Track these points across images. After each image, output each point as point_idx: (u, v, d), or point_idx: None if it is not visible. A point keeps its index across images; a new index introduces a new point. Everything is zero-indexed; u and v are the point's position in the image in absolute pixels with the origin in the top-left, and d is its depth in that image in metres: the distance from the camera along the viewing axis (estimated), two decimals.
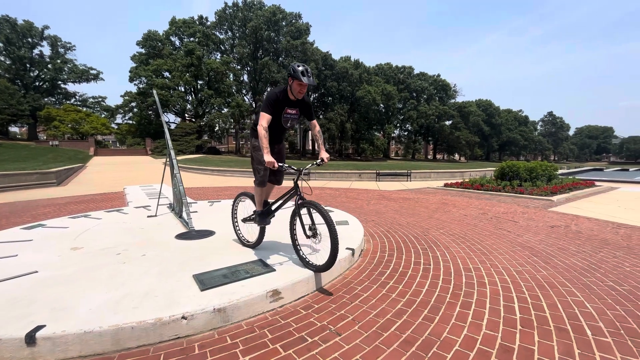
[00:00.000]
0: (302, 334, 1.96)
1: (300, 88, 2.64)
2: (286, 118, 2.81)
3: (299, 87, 2.63)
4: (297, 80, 2.57)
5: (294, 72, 2.57)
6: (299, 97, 2.70)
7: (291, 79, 2.63)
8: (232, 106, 41.66)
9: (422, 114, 56.54)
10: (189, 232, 3.96)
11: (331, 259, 2.44)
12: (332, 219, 2.42)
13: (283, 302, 2.35)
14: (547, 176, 11.55)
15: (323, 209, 2.48)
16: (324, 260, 2.53)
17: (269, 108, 2.65)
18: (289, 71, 2.63)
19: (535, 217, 5.97)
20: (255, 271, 2.60)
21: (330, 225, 2.39)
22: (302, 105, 2.84)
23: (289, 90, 2.69)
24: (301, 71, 2.56)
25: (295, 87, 2.63)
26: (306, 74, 2.56)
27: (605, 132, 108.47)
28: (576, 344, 1.88)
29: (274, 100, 2.65)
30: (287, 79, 2.68)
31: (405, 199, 8.65)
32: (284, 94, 2.70)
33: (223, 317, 2.08)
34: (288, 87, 2.68)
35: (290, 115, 2.82)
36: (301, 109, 2.86)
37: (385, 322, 2.11)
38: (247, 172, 18.58)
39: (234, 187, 11.65)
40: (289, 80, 2.65)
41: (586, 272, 3.08)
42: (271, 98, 2.66)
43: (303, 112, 2.89)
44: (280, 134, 2.99)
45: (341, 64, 47.80)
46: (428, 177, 17.47)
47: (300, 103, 2.81)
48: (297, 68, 2.57)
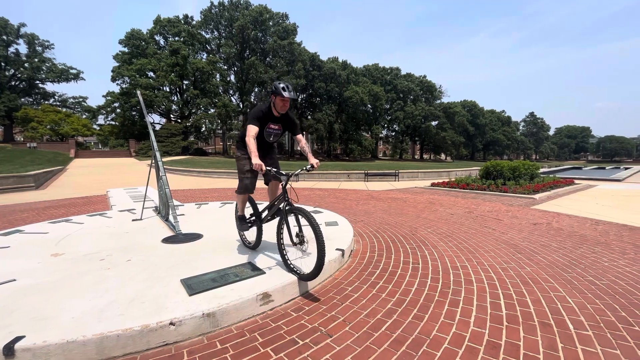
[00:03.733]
0: (293, 337, 1.95)
1: (283, 103, 2.81)
2: (269, 133, 2.97)
3: (281, 103, 2.81)
4: (280, 96, 2.75)
5: (276, 89, 2.77)
6: (282, 111, 2.87)
7: (274, 96, 2.82)
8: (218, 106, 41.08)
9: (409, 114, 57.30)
10: (176, 236, 3.88)
11: (316, 270, 2.43)
12: (319, 228, 2.41)
13: (273, 305, 2.33)
14: (530, 175, 11.91)
15: (311, 217, 2.44)
16: (310, 267, 2.52)
17: (257, 121, 2.81)
18: (272, 89, 2.83)
19: (519, 215, 6.14)
20: (245, 274, 2.58)
21: (317, 234, 2.38)
22: (285, 121, 3.01)
23: (272, 107, 2.87)
24: (282, 87, 2.75)
25: (278, 103, 2.81)
26: (287, 89, 2.76)
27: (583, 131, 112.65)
28: (559, 338, 1.94)
29: (258, 115, 2.83)
30: (271, 95, 2.86)
31: (393, 199, 8.74)
32: (269, 109, 2.88)
33: (212, 322, 2.04)
34: (271, 103, 2.87)
35: (273, 131, 2.99)
36: (284, 125, 3.03)
37: (376, 322, 2.13)
38: (235, 174, 18.38)
39: (221, 189, 11.50)
40: (272, 97, 2.84)
41: (567, 268, 3.19)
42: (257, 112, 2.84)
43: (286, 128, 3.07)
44: (266, 149, 3.10)
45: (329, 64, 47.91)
46: (415, 177, 17.72)
47: (283, 119, 2.98)
48: (279, 85, 2.77)
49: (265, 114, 2.86)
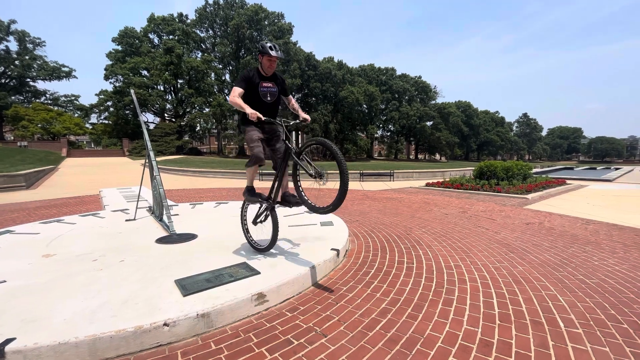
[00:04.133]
0: (288, 337, 1.95)
1: (270, 63, 2.82)
2: (264, 91, 2.92)
3: (268, 62, 2.82)
4: (267, 55, 2.76)
5: (263, 48, 2.77)
6: (269, 72, 2.88)
7: (261, 56, 2.83)
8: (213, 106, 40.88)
9: (404, 114, 57.59)
10: (170, 236, 3.86)
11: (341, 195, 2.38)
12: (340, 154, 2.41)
13: (268, 305, 2.33)
14: (523, 175, 12.05)
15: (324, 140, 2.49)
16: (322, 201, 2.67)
17: (242, 82, 2.80)
18: (258, 49, 2.82)
19: (512, 215, 6.21)
20: (240, 274, 2.57)
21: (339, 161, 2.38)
22: (275, 79, 3.00)
23: (259, 68, 2.89)
24: (269, 46, 2.75)
25: (265, 63, 2.82)
26: (274, 49, 2.76)
27: (575, 132, 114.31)
28: (550, 336, 1.97)
29: (245, 77, 2.82)
30: (258, 56, 2.86)
31: (388, 199, 8.78)
32: (256, 71, 2.88)
33: (207, 323, 2.04)
34: (259, 64, 2.89)
35: (267, 89, 2.93)
36: (276, 83, 3.00)
37: (371, 322, 2.14)
38: (230, 174, 18.31)
39: (216, 189, 11.45)
40: (259, 57, 2.85)
41: (559, 267, 3.24)
42: (243, 75, 2.85)
43: (278, 86, 3.01)
44: (266, 111, 2.93)
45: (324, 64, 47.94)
46: (410, 177, 17.82)
47: (273, 77, 2.97)
48: (265, 44, 2.77)
49: (254, 75, 2.84)
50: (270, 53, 2.74)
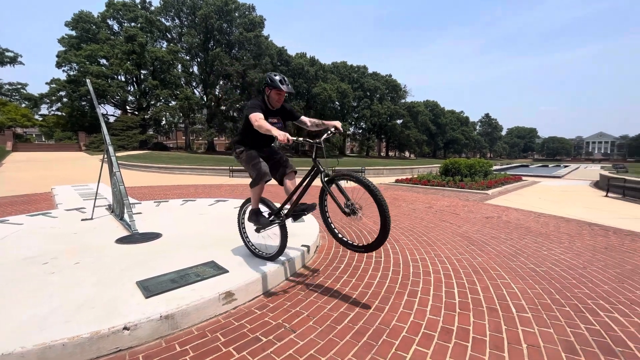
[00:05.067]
0: (257, 334, 1.94)
1: (279, 97, 2.62)
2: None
3: (277, 96, 2.61)
4: (276, 89, 2.55)
5: (272, 81, 2.55)
6: (276, 106, 2.67)
7: (268, 89, 2.59)
8: (180, 99, 39.08)
9: (375, 112, 58.77)
10: (132, 236, 3.66)
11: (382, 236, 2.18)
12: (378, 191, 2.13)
13: (236, 304, 2.29)
14: (484, 172, 12.80)
15: (363, 179, 2.18)
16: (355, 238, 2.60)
17: (258, 108, 2.50)
18: (266, 81, 2.59)
19: (474, 210, 6.59)
20: (207, 274, 2.50)
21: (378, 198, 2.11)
22: (282, 113, 2.79)
23: (266, 101, 2.65)
24: (279, 80, 2.54)
25: (274, 97, 2.61)
26: (284, 82, 2.55)
27: (531, 132, 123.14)
28: (504, 321, 2.13)
29: (260, 105, 2.56)
30: (264, 89, 2.63)
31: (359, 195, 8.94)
32: (264, 103, 2.64)
33: (171, 324, 1.97)
34: (265, 97, 2.64)
35: (273, 124, 2.62)
36: (282, 116, 2.80)
37: (339, 315, 2.18)
38: (199, 170, 17.67)
39: (183, 186, 11.01)
40: (266, 90, 2.61)
41: (513, 257, 3.50)
42: (255, 103, 2.57)
43: (285, 119, 2.83)
44: (269, 141, 2.84)
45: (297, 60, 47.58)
46: (381, 174, 18.28)
47: (280, 111, 2.77)
48: (275, 77, 2.55)
49: (262, 107, 2.60)
50: (280, 88, 2.52)
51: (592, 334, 1.97)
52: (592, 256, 3.61)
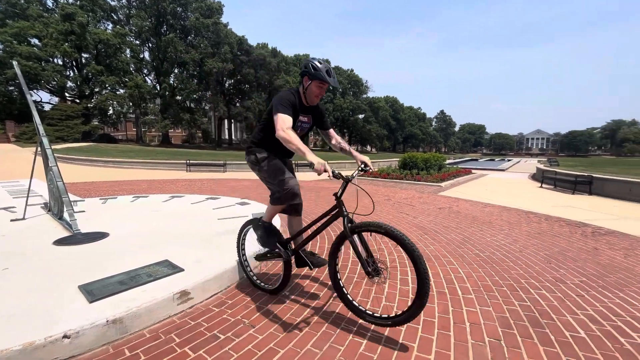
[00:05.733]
0: (214, 332, 1.90)
1: (320, 91, 2.10)
2: (298, 127, 2.20)
3: (318, 90, 2.09)
4: (318, 80, 2.03)
5: (315, 69, 2.01)
6: (314, 102, 2.17)
7: (308, 79, 2.06)
8: (129, 87, 36.03)
9: (338, 107, 59.46)
10: (74, 236, 3.34)
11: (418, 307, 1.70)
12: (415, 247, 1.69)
13: (193, 303, 2.21)
14: (438, 166, 13.62)
15: (396, 231, 1.72)
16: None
17: (288, 108, 2.00)
18: (306, 69, 2.05)
19: (428, 201, 7.01)
20: (160, 273, 2.38)
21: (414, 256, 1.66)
22: (314, 112, 2.29)
23: (302, 94, 2.15)
24: (325, 69, 2.01)
25: (314, 90, 2.08)
26: (331, 73, 2.03)
27: (480, 129, 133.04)
28: (451, 303, 2.31)
29: (291, 101, 2.06)
30: (303, 77, 2.10)
31: (321, 188, 9.05)
32: (298, 97, 2.14)
33: (120, 329, 1.84)
34: (301, 89, 2.14)
35: (302, 124, 2.22)
36: (314, 117, 2.31)
37: (300, 307, 2.20)
38: (152, 164, 16.57)
39: (134, 181, 10.27)
40: (304, 80, 2.09)
41: (461, 244, 3.79)
42: (288, 98, 2.06)
43: (316, 121, 2.35)
44: (289, 152, 2.31)
45: (258, 50, 46.25)
46: (343, 167, 18.62)
47: (313, 110, 2.26)
48: (318, 65, 2.01)
49: (296, 101, 2.09)
50: (326, 79, 2.00)
51: (524, 310, 2.22)
52: (526, 241, 4.04)
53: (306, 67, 2.04)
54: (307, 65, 2.03)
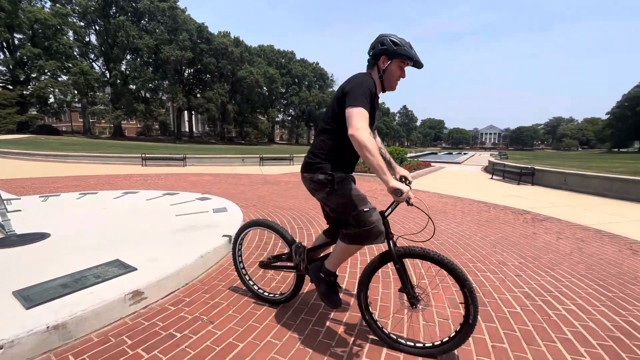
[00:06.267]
0: (170, 331, 1.83)
1: (402, 73, 1.64)
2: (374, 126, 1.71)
3: (399, 71, 1.62)
4: (402, 58, 1.57)
5: (395, 44, 1.56)
6: (393, 88, 1.68)
7: (387, 58, 1.58)
8: (74, 73, 32.78)
9: (304, 99, 59.19)
10: (7, 238, 3.01)
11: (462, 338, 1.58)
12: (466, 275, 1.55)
13: (147, 303, 2.11)
14: (400, 159, 14.16)
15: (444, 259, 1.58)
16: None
17: (368, 101, 1.51)
18: (384, 45, 1.57)
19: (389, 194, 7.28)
20: (110, 274, 2.23)
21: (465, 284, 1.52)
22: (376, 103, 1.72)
23: (377, 79, 1.64)
24: (409, 44, 1.58)
25: (395, 72, 1.61)
26: (412, 47, 1.60)
27: (440, 124, 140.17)
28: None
29: (370, 90, 1.54)
30: (378, 59, 1.61)
31: (287, 182, 9.01)
32: (373, 82, 1.62)
33: (63, 335, 1.71)
34: (375, 74, 1.64)
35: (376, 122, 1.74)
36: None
37: (259, 302, 2.20)
38: (102, 158, 15.31)
39: (81, 177, 9.45)
40: (382, 61, 1.60)
41: (419, 234, 4.00)
42: (369, 85, 1.55)
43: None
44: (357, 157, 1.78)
45: (220, 39, 44.36)
46: None
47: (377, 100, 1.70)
48: (398, 40, 1.57)
49: (373, 92, 1.59)
50: (411, 55, 1.57)
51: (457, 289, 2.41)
52: (476, 228, 4.37)
53: (383, 44, 1.57)
54: (384, 41, 1.57)
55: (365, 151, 1.40)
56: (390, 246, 1.66)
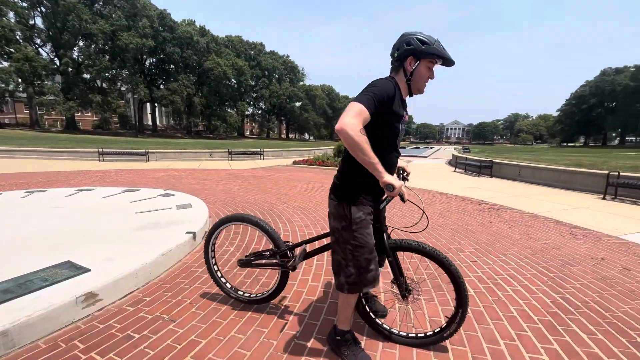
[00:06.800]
0: (128, 332, 1.76)
1: (431, 74, 1.48)
2: (402, 132, 1.56)
3: (428, 73, 1.47)
4: (431, 57, 1.43)
5: (423, 43, 1.41)
6: (422, 91, 1.52)
7: (414, 59, 1.43)
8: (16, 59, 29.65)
9: (274, 93, 58.22)
10: None
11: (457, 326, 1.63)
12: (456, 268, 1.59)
13: (103, 305, 2.01)
14: None
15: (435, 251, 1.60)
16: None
17: (375, 105, 1.34)
18: (410, 45, 1.42)
19: None
20: (60, 276, 2.08)
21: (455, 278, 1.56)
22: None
23: (403, 82, 1.47)
24: (438, 41, 1.43)
25: (424, 73, 1.46)
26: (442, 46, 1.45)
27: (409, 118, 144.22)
28: None
29: (386, 97, 1.37)
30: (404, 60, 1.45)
31: (256, 177, 8.88)
32: (398, 89, 1.45)
33: (4, 344, 1.58)
34: (401, 77, 1.47)
35: (403, 127, 1.57)
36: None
37: (224, 297, 2.17)
38: (51, 153, 14.09)
39: (28, 174, 8.67)
40: (409, 62, 1.44)
41: None
42: (386, 89, 1.37)
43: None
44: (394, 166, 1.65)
45: (184, 27, 42.22)
46: (280, 156, 18.47)
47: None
48: (425, 38, 1.42)
49: (396, 96, 1.41)
50: (445, 54, 1.43)
51: (430, 277, 2.55)
52: (438, 219, 4.60)
53: (409, 44, 1.42)
54: (411, 41, 1.41)
55: (355, 150, 1.30)
56: (384, 239, 1.65)
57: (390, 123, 1.44)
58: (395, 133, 1.49)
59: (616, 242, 3.69)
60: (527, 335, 1.81)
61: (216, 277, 2.16)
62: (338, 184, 1.59)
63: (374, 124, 1.37)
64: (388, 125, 1.44)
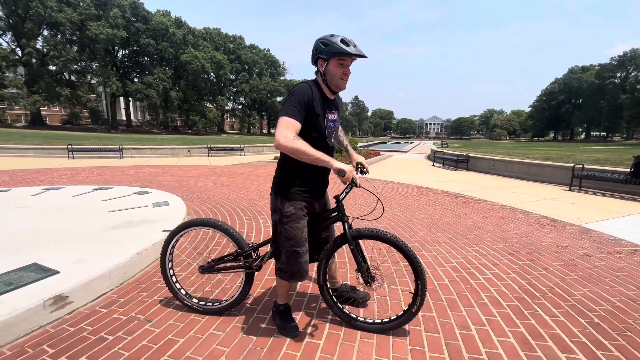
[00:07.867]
0: (101, 334, 1.70)
1: (343, 70, 1.56)
2: (330, 128, 1.68)
3: (340, 70, 1.55)
4: (338, 55, 1.51)
5: (326, 45, 1.52)
6: (342, 87, 1.61)
7: (322, 61, 1.56)
8: None
9: (255, 87, 57.28)
10: None
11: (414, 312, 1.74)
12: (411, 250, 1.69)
13: (73, 307, 1.93)
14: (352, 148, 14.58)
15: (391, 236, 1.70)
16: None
17: (298, 110, 1.48)
18: (316, 50, 1.56)
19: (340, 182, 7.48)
20: (25, 279, 1.98)
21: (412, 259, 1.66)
22: (338, 104, 1.76)
23: (321, 83, 1.61)
24: (341, 39, 1.51)
25: (335, 72, 1.55)
26: (348, 42, 1.52)
27: (389, 114, 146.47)
28: (349, 271, 2.57)
29: (306, 98, 1.51)
30: (317, 63, 1.59)
31: (236, 174, 8.75)
32: (319, 89, 1.60)
33: None
34: (319, 78, 1.61)
35: (332, 123, 1.69)
36: (338, 110, 1.76)
37: (205, 294, 2.14)
38: (19, 150, 13.27)
39: None
40: (320, 64, 1.58)
41: None
42: (302, 94, 1.51)
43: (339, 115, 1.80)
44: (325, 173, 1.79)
45: (159, 18, 40.58)
46: (261, 151, 18.25)
47: (337, 102, 1.75)
48: (332, 38, 1.52)
49: (315, 96, 1.55)
50: (346, 51, 1.49)
51: (407, 269, 2.62)
52: (416, 211, 4.73)
53: (316, 48, 1.56)
54: (317, 45, 1.56)
55: (297, 155, 1.46)
56: (345, 229, 1.74)
57: (314, 121, 1.57)
58: (321, 130, 1.62)
59: (579, 230, 3.94)
60: (497, 320, 1.91)
61: (175, 290, 1.96)
62: (275, 180, 1.74)
63: (303, 125, 1.51)
64: (313, 123, 1.57)
